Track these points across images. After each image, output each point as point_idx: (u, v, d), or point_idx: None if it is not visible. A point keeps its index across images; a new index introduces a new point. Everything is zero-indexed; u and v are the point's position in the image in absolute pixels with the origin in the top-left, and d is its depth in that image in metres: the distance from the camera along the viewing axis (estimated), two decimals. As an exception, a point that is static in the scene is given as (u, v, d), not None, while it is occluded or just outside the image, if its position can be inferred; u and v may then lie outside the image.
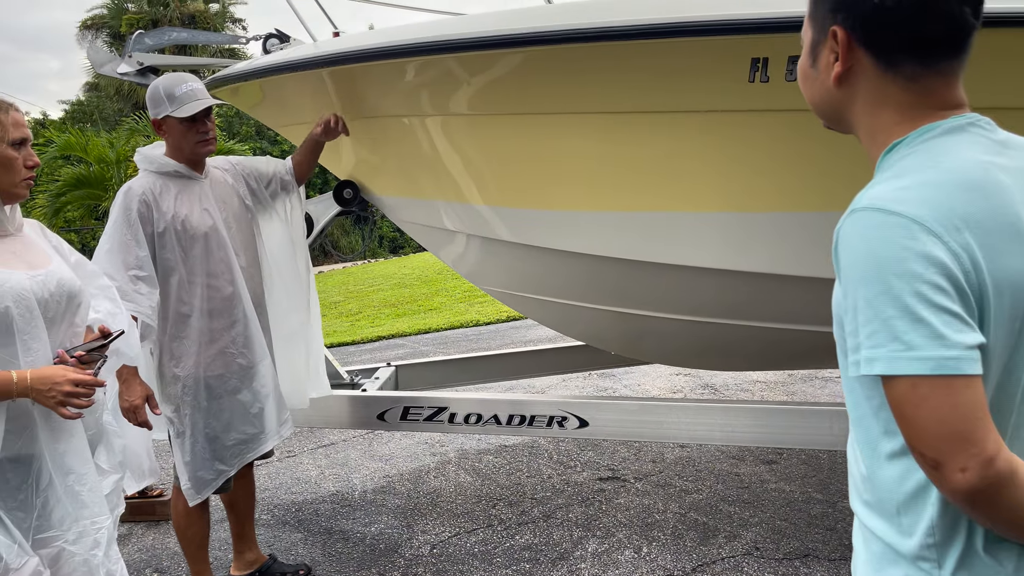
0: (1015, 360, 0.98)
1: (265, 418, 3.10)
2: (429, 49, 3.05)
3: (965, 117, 1.05)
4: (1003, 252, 0.95)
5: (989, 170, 1.00)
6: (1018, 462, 0.93)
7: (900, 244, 0.94)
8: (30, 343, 1.83)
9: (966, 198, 0.97)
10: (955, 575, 1.00)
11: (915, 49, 1.03)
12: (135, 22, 21.08)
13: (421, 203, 3.87)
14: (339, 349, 9.23)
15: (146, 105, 3.01)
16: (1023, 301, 0.96)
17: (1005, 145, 1.05)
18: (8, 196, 1.91)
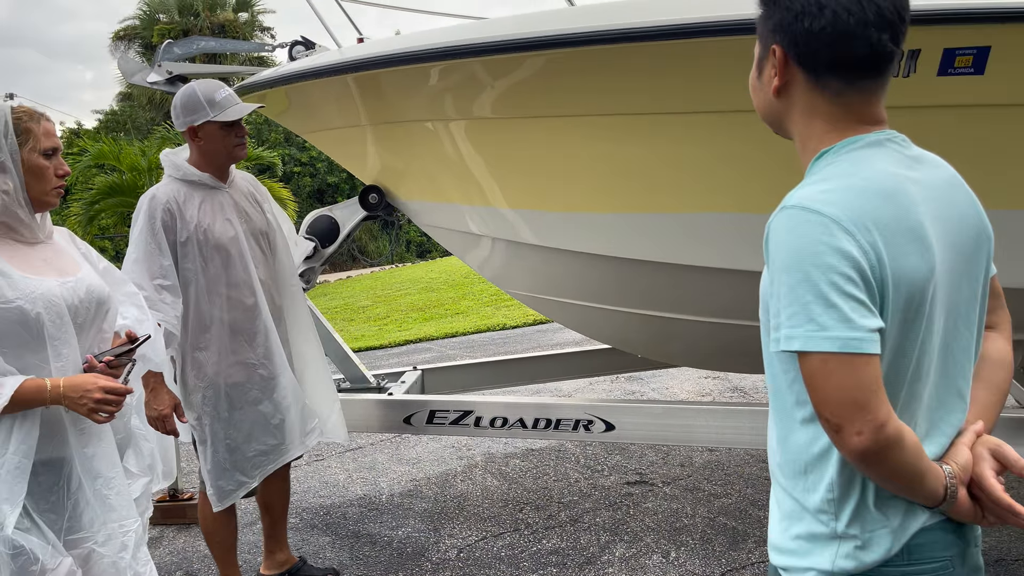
0: (904, 345, 1.13)
1: (287, 429, 3.10)
2: (452, 53, 3.06)
3: (884, 133, 1.20)
4: (903, 251, 1.10)
5: (900, 181, 1.15)
6: (905, 429, 1.10)
7: (819, 239, 1.08)
8: (60, 348, 1.86)
9: (877, 203, 1.11)
10: (849, 526, 1.16)
11: (840, 69, 1.17)
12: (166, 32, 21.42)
13: (446, 207, 3.88)
14: (367, 353, 9.27)
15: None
16: (915, 294, 1.11)
17: (917, 160, 1.20)
18: (39, 204, 1.95)
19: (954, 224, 1.17)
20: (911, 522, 1.16)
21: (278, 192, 12.13)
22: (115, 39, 23.78)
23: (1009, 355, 1.31)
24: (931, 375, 1.17)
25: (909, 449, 1.10)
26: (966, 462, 1.17)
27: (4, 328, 1.80)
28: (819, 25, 1.14)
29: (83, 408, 1.81)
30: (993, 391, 1.27)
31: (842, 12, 1.13)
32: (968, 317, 1.21)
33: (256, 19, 24.16)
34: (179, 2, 23.00)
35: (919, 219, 1.13)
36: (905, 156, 1.19)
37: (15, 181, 1.87)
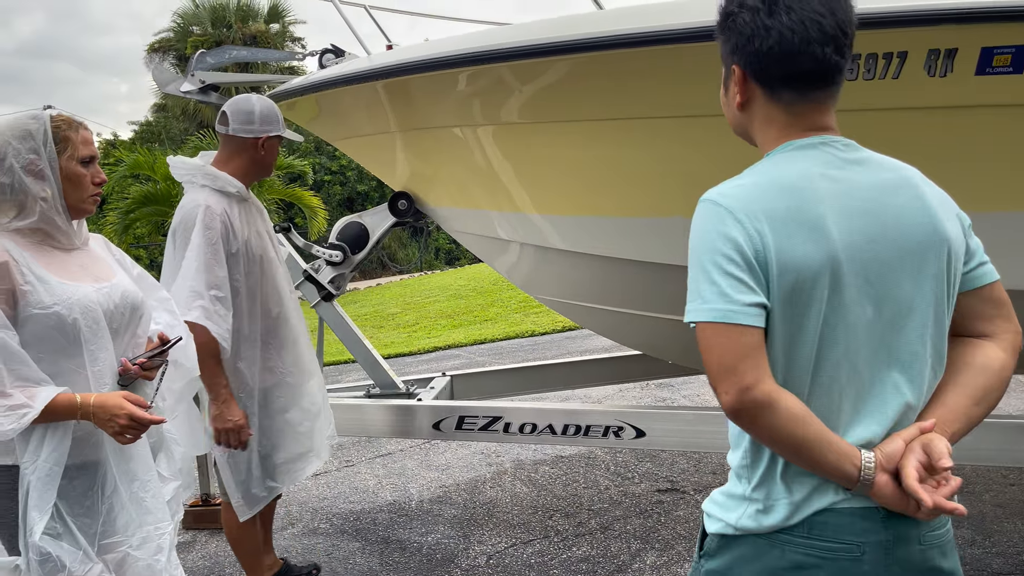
0: (799, 323, 1.23)
1: (314, 436, 3.12)
2: (480, 58, 3.06)
3: (822, 138, 1.30)
4: (792, 241, 1.21)
5: (810, 178, 1.25)
6: (781, 398, 1.20)
7: (712, 227, 1.25)
8: (96, 353, 1.89)
9: (774, 196, 1.24)
10: (755, 491, 1.31)
11: (790, 83, 1.29)
12: (199, 44, 21.77)
13: (474, 213, 3.88)
14: (396, 360, 9.31)
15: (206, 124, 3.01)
16: (804, 280, 1.21)
17: (856, 162, 1.28)
18: (76, 211, 1.98)
19: (884, 222, 1.25)
20: (817, 499, 1.26)
21: (308, 200, 12.24)
22: (150, 51, 24.21)
23: (1000, 363, 1.31)
24: (856, 363, 1.24)
25: (783, 416, 1.20)
26: (893, 451, 1.23)
27: (42, 333, 1.83)
28: (767, 45, 1.27)
29: (109, 429, 1.84)
30: (966, 396, 1.29)
31: (787, 32, 1.25)
32: (918, 316, 1.26)
33: (287, 30, 24.46)
34: (212, 14, 23.36)
35: (820, 213, 1.23)
36: (838, 158, 1.28)
37: (53, 188, 1.90)
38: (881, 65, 2.45)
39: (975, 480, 4.24)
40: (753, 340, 1.21)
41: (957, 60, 2.40)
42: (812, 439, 1.21)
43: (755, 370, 1.20)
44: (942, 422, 1.27)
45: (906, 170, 1.32)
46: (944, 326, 1.30)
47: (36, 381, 1.78)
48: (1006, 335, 1.33)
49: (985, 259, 1.34)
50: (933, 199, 1.29)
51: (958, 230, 1.30)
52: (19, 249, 1.85)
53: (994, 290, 1.33)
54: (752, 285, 1.21)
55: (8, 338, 1.75)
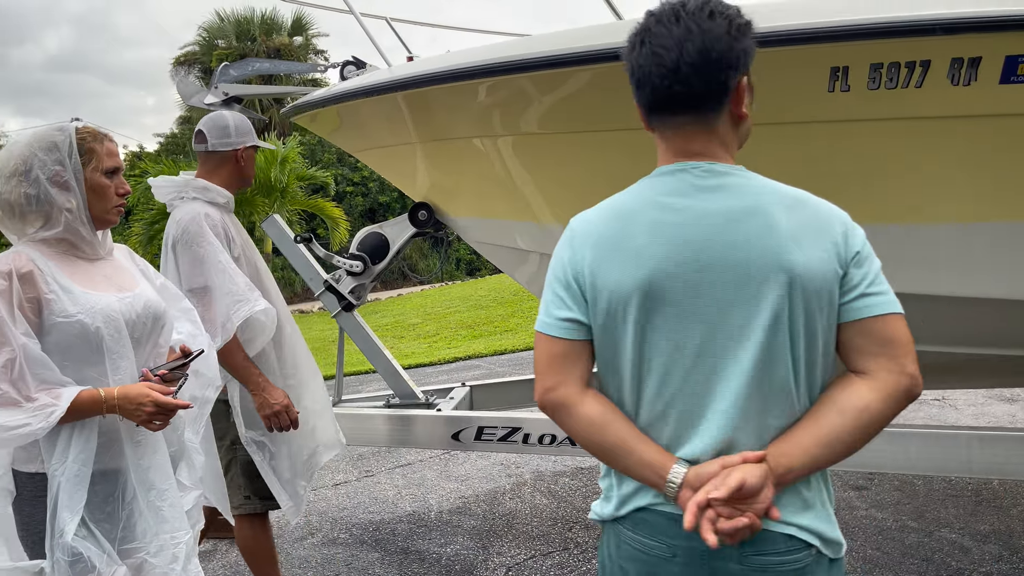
0: (616, 340, 1.33)
1: (318, 433, 3.15)
2: (499, 69, 3.07)
3: (682, 164, 1.35)
4: (610, 266, 1.32)
5: (645, 206, 1.34)
6: (575, 402, 1.35)
7: (559, 248, 1.42)
8: (118, 362, 1.91)
9: (606, 222, 1.35)
10: (602, 480, 1.46)
11: (652, 111, 1.37)
12: (224, 57, 22.06)
13: (494, 223, 3.89)
14: (417, 370, 9.32)
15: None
16: (616, 302, 1.31)
17: (709, 190, 1.31)
18: (100, 222, 2.00)
19: (717, 250, 1.28)
20: (640, 496, 1.36)
21: (330, 211, 12.33)
22: (175, 64, 24.59)
23: (863, 405, 1.27)
24: (686, 384, 1.31)
25: (579, 420, 1.35)
26: (706, 472, 1.28)
27: (66, 342, 1.85)
28: (632, 79, 1.37)
29: (137, 419, 1.87)
30: (812, 434, 1.28)
31: (636, 67, 1.34)
32: (754, 344, 1.27)
33: (310, 42, 24.73)
34: (236, 27, 23.68)
35: (640, 240, 1.31)
36: (689, 185, 1.33)
37: (78, 199, 1.92)
38: (904, 74, 2.43)
39: (1003, 495, 4.17)
40: (560, 349, 1.37)
41: (981, 69, 2.37)
42: (609, 445, 1.34)
43: (557, 375, 1.36)
44: (778, 455, 1.27)
45: (767, 196, 1.30)
46: (798, 355, 1.28)
47: (59, 383, 1.81)
48: (885, 375, 1.27)
49: (872, 291, 1.28)
50: (787, 228, 1.27)
51: (821, 259, 1.27)
52: (44, 259, 1.88)
53: (877, 325, 1.28)
54: (569, 303, 1.36)
55: (31, 345, 1.78)
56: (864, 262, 1.29)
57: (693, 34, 1.28)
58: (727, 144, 1.37)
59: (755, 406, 1.29)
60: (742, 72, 1.32)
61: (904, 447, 2.97)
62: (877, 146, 2.61)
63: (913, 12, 2.36)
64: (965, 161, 2.55)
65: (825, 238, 1.28)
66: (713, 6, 1.31)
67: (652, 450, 1.32)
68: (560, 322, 1.37)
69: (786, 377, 1.29)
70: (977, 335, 2.94)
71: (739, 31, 1.30)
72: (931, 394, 6.22)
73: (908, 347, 1.28)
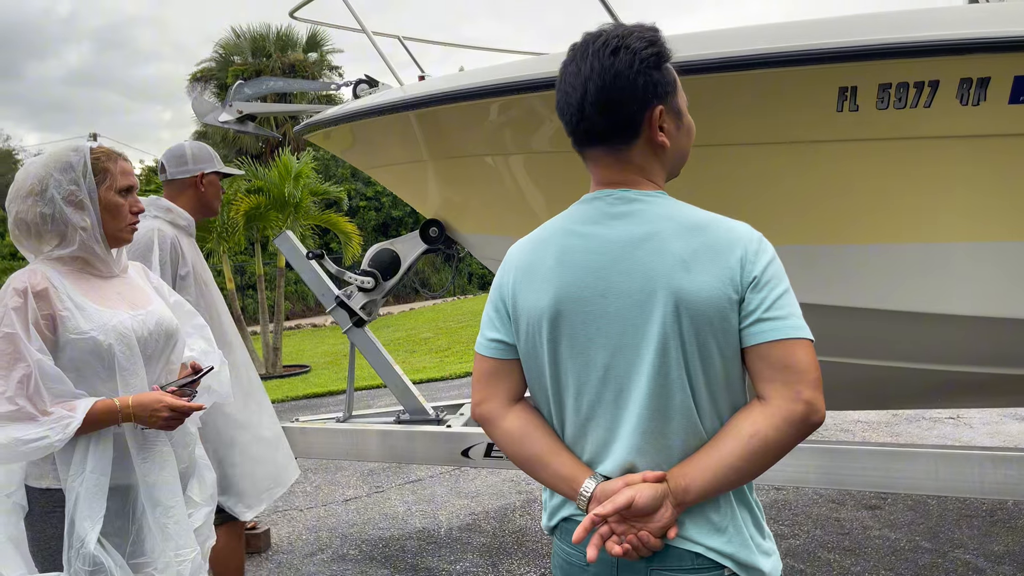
0: (535, 361, 1.40)
1: (273, 467, 3.12)
2: (510, 89, 3.09)
3: (598, 193, 1.40)
4: (527, 289, 1.39)
5: (558, 233, 1.40)
6: (497, 416, 1.43)
7: (497, 275, 1.49)
8: (129, 379, 1.93)
9: (528, 249, 1.43)
10: (543, 492, 1.52)
11: (573, 145, 1.42)
12: (240, 73, 22.24)
13: (505, 240, 3.89)
14: (428, 384, 9.34)
15: (245, 151, 3.07)
16: (532, 324, 1.39)
17: (616, 216, 1.36)
18: (114, 240, 2.03)
19: (614, 275, 1.32)
20: (565, 507, 1.43)
21: (343, 226, 12.38)
22: (192, 80, 24.83)
23: (752, 430, 1.27)
24: (599, 402, 1.35)
25: (501, 434, 1.43)
26: (608, 489, 1.32)
27: (78, 358, 1.87)
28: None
29: (153, 424, 1.91)
30: (711, 456, 1.30)
31: (556, 103, 1.41)
32: (648, 366, 1.30)
33: (325, 59, 24.92)
34: (252, 44, 23.90)
35: (550, 265, 1.38)
36: (601, 212, 1.38)
37: (92, 218, 1.95)
38: (912, 94, 2.43)
39: (1017, 515, 4.12)
40: (487, 367, 1.46)
41: (990, 89, 2.37)
42: (527, 458, 1.41)
43: (484, 391, 1.46)
44: (677, 476, 1.31)
45: (666, 222, 1.33)
46: (696, 380, 1.30)
47: (73, 396, 1.84)
48: (779, 401, 1.27)
49: (770, 316, 1.27)
50: (678, 253, 1.29)
51: (711, 284, 1.27)
52: (59, 276, 1.91)
53: (773, 350, 1.27)
54: (497, 325, 1.45)
55: (46, 361, 1.81)
56: (763, 287, 1.28)
57: (595, 73, 1.33)
58: (647, 171, 1.40)
59: (656, 428, 1.32)
60: (654, 103, 1.35)
61: (915, 467, 2.94)
62: (887, 166, 2.62)
63: (921, 33, 2.37)
64: (975, 181, 2.55)
65: (718, 263, 1.29)
66: (620, 41, 1.33)
67: (568, 463, 1.38)
68: (490, 342, 1.45)
69: (685, 401, 1.30)
70: (992, 355, 2.93)
71: (646, 64, 1.33)
72: (946, 412, 6.18)
73: (806, 373, 1.26)
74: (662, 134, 1.37)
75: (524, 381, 1.46)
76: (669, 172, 1.45)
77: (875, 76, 2.45)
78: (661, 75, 1.35)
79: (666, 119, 1.38)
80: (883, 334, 2.95)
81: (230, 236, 11.42)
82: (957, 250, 2.64)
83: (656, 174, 1.41)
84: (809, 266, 2.84)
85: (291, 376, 11.14)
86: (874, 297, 2.82)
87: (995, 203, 2.56)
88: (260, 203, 11.08)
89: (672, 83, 1.38)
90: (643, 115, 1.35)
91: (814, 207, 2.77)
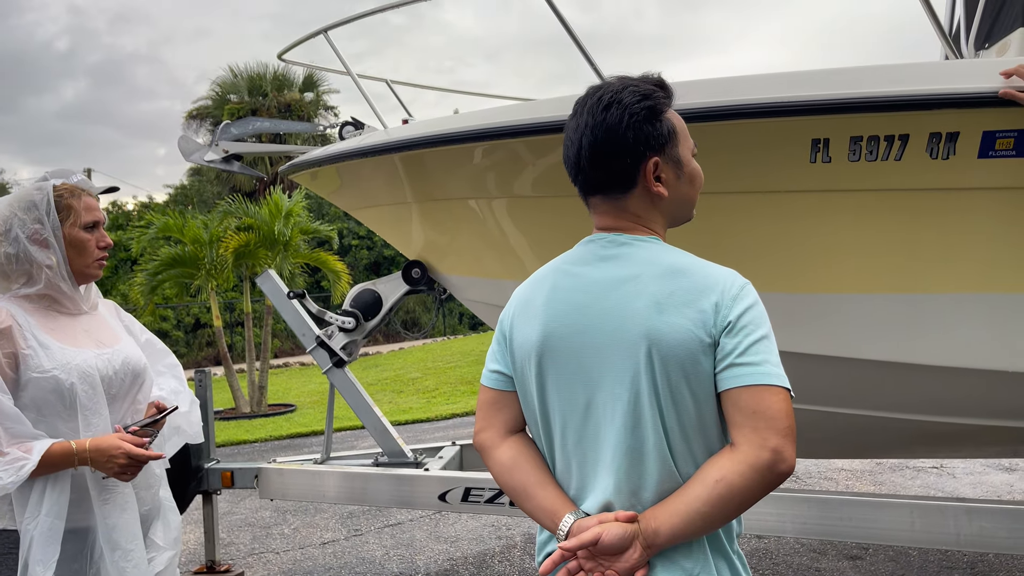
0: (526, 392, 1.44)
1: None
2: (493, 134, 3.13)
3: (594, 236, 1.46)
4: (522, 324, 1.45)
5: (552, 273, 1.46)
6: (492, 446, 1.48)
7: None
8: (91, 419, 1.91)
9: (527, 287, 1.49)
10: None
11: (579, 192, 1.48)
12: (235, 112, 22.44)
13: (487, 282, 3.91)
14: (413, 426, 9.26)
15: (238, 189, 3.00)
16: (523, 359, 1.43)
17: (604, 259, 1.41)
18: (82, 276, 2.02)
19: (595, 316, 1.36)
20: (550, 543, 1.43)
21: (332, 264, 12.37)
22: (188, 118, 24.99)
23: (718, 476, 1.27)
24: (582, 439, 1.38)
25: (494, 463, 1.47)
26: (584, 525, 1.33)
27: (40, 397, 1.86)
28: None
29: (109, 470, 1.87)
30: (679, 499, 1.31)
31: (563, 150, 1.47)
32: (623, 407, 1.32)
33: (321, 99, 25.16)
34: (249, 83, 24.13)
35: (540, 304, 1.43)
36: (593, 254, 1.43)
37: (58, 256, 1.95)
38: (883, 147, 2.47)
39: (999, 567, 4.09)
40: (487, 397, 1.51)
41: (959, 143, 2.41)
42: (514, 488, 1.44)
43: (483, 421, 1.50)
44: (648, 518, 1.31)
45: (648, 266, 1.36)
46: (669, 422, 1.31)
47: (31, 437, 1.82)
48: (746, 448, 1.26)
49: (743, 362, 1.28)
50: (654, 296, 1.32)
51: (684, 327, 1.29)
52: (24, 314, 1.90)
53: (744, 396, 1.27)
54: (498, 357, 1.50)
55: (4, 400, 1.79)
56: (738, 332, 1.29)
57: (588, 128, 1.40)
58: (644, 219, 1.43)
59: (631, 468, 1.33)
60: (649, 155, 1.38)
61: (892, 517, 2.93)
62: (860, 217, 2.65)
63: (891, 88, 2.42)
64: (946, 233, 2.58)
65: (692, 307, 1.30)
66: (613, 96, 1.39)
67: (551, 497, 1.40)
68: (491, 373, 1.50)
69: (659, 443, 1.31)
70: (969, 406, 2.93)
71: (636, 119, 1.37)
72: (929, 462, 6.16)
73: (776, 421, 1.25)
74: (659, 184, 1.41)
75: (520, 412, 1.49)
76: (672, 219, 1.48)
77: (846, 129, 2.50)
78: (654, 128, 1.39)
79: (664, 170, 1.41)
80: (858, 383, 2.95)
81: (219, 273, 11.40)
82: (928, 301, 2.66)
83: (654, 221, 1.44)
84: (783, 314, 2.86)
85: (276, 415, 11.05)
86: (846, 346, 2.83)
87: (966, 255, 2.59)
88: (250, 240, 11.08)
89: (668, 134, 1.41)
90: (638, 167, 1.39)
91: (789, 255, 2.79)
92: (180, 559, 4.22)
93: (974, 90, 2.37)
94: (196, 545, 4.83)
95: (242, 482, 4.04)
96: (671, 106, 1.43)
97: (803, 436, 3.38)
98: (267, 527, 5.39)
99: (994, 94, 2.34)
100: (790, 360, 2.97)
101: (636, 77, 1.44)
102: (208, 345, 20.36)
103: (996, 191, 2.46)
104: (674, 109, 1.45)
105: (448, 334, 25.12)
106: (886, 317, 2.76)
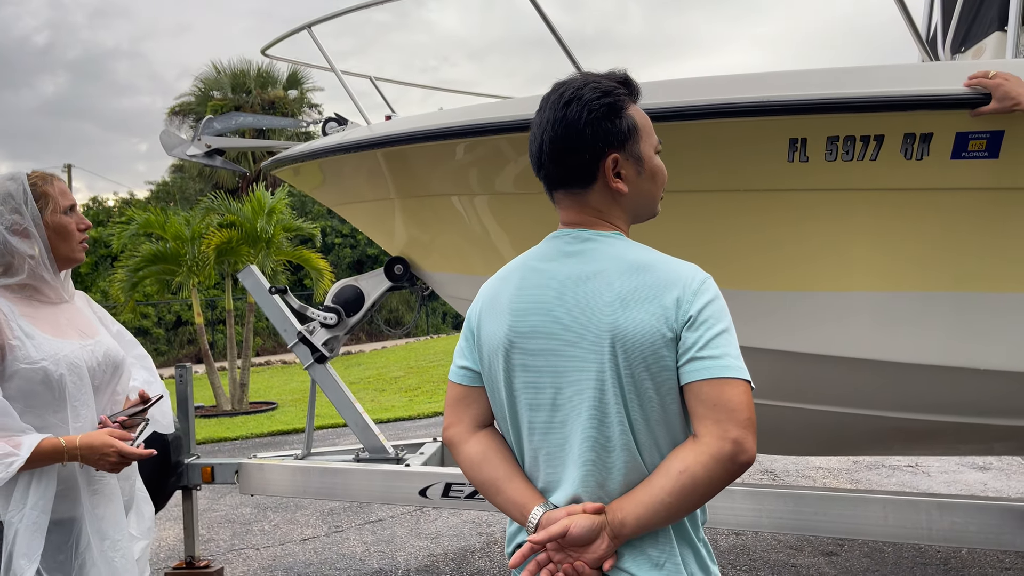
0: (494, 387, 1.46)
1: None
2: (474, 131, 3.15)
3: (558, 232, 1.47)
4: (489, 320, 1.46)
5: (517, 269, 1.47)
6: (460, 440, 1.49)
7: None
8: (79, 409, 1.91)
9: (493, 283, 1.50)
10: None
11: (544, 187, 1.49)
12: (219, 108, 22.28)
13: (470, 279, 3.92)
14: (395, 424, 9.26)
15: (221, 185, 3.01)
16: (491, 354, 1.45)
17: (569, 255, 1.43)
18: (67, 261, 2.02)
19: (561, 311, 1.39)
20: (519, 535, 1.45)
21: (315, 262, 12.33)
22: (170, 114, 24.78)
23: (681, 467, 1.30)
24: (549, 433, 1.40)
25: (462, 458, 1.48)
26: (553, 517, 1.35)
27: (28, 388, 1.85)
28: None
29: (100, 466, 1.88)
30: (644, 490, 1.33)
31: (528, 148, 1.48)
32: (589, 401, 1.35)
33: (305, 96, 25.03)
34: (232, 80, 23.98)
35: (507, 299, 1.44)
36: (557, 250, 1.45)
37: (40, 245, 1.95)
38: (859, 148, 2.51)
39: (971, 563, 4.15)
40: (455, 393, 1.52)
41: (933, 144, 2.46)
42: (483, 482, 1.46)
43: (450, 416, 1.52)
44: (615, 509, 1.34)
45: (612, 261, 1.39)
46: (633, 415, 1.33)
47: (19, 431, 1.81)
48: (708, 439, 1.29)
49: (704, 355, 1.30)
50: (618, 291, 1.34)
51: (646, 321, 1.31)
52: (8, 304, 1.90)
53: (704, 388, 1.30)
54: (466, 353, 1.51)
55: None
56: (699, 326, 1.31)
57: (549, 124, 1.42)
58: (606, 214, 1.45)
59: (598, 460, 1.35)
60: (608, 152, 1.40)
61: (866, 513, 2.97)
62: (836, 215, 2.69)
63: (867, 89, 2.46)
64: (920, 233, 2.62)
65: (655, 302, 1.33)
66: (574, 93, 1.40)
67: (521, 490, 1.42)
68: (459, 369, 1.52)
69: (624, 435, 1.34)
70: (941, 402, 2.98)
71: (595, 115, 1.38)
72: (905, 460, 6.24)
73: (736, 412, 1.28)
74: (619, 181, 1.42)
75: (488, 407, 1.50)
76: (634, 215, 1.49)
77: (824, 129, 2.53)
78: (613, 124, 1.39)
79: (624, 166, 1.42)
80: (834, 380, 2.99)
81: (200, 270, 11.33)
82: (902, 299, 2.71)
83: (616, 217, 1.46)
84: (759, 311, 2.90)
85: (257, 413, 11.00)
86: (822, 344, 2.87)
87: (939, 255, 2.63)
88: (232, 237, 11.03)
89: (628, 131, 1.41)
90: (597, 163, 1.40)
91: (766, 254, 2.83)
92: (159, 555, 4.22)
93: (948, 92, 2.42)
94: (175, 541, 4.81)
95: (222, 477, 4.03)
96: (635, 102, 1.45)
97: (783, 432, 3.43)
98: (247, 523, 5.38)
99: (967, 96, 2.38)
100: (767, 357, 3.01)
101: (600, 74, 1.45)
102: (189, 342, 20.23)
103: (968, 191, 2.51)
104: (641, 106, 1.47)
105: (431, 333, 25.10)
106: (861, 315, 2.80)
